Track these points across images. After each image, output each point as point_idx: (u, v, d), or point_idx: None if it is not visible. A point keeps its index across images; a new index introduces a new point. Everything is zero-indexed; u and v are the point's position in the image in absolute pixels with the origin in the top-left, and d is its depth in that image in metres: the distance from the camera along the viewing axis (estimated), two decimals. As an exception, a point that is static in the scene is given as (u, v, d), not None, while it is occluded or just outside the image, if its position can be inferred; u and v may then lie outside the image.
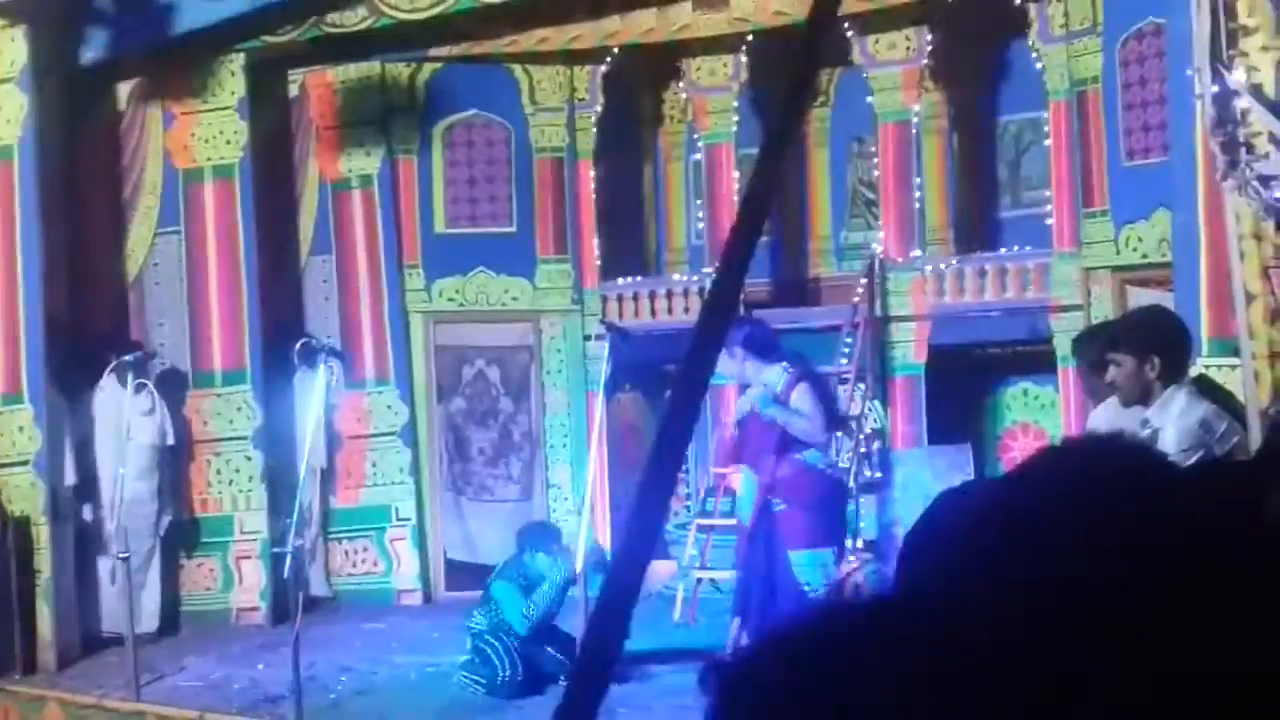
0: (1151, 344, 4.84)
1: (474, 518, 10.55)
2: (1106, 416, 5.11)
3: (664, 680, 7.24)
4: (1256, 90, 5.27)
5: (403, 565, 10.37)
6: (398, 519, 10.39)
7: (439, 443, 10.55)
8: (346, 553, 10.42)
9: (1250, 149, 5.31)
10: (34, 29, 9.03)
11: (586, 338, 10.51)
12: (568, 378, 10.59)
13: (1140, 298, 8.26)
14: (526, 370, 10.66)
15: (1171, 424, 4.67)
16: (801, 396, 6.83)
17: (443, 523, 10.51)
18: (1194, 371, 5.01)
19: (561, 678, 7.14)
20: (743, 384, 7.30)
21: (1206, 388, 4.80)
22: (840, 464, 7.04)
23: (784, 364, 6.89)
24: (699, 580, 9.20)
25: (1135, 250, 8.47)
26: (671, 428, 1.84)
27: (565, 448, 10.56)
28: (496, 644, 7.34)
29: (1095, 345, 5.12)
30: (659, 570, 9.26)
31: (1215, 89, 5.36)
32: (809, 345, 9.37)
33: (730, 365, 6.84)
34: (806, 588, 6.65)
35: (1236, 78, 5.33)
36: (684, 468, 10.13)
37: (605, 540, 9.70)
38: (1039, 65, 9.35)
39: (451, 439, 10.59)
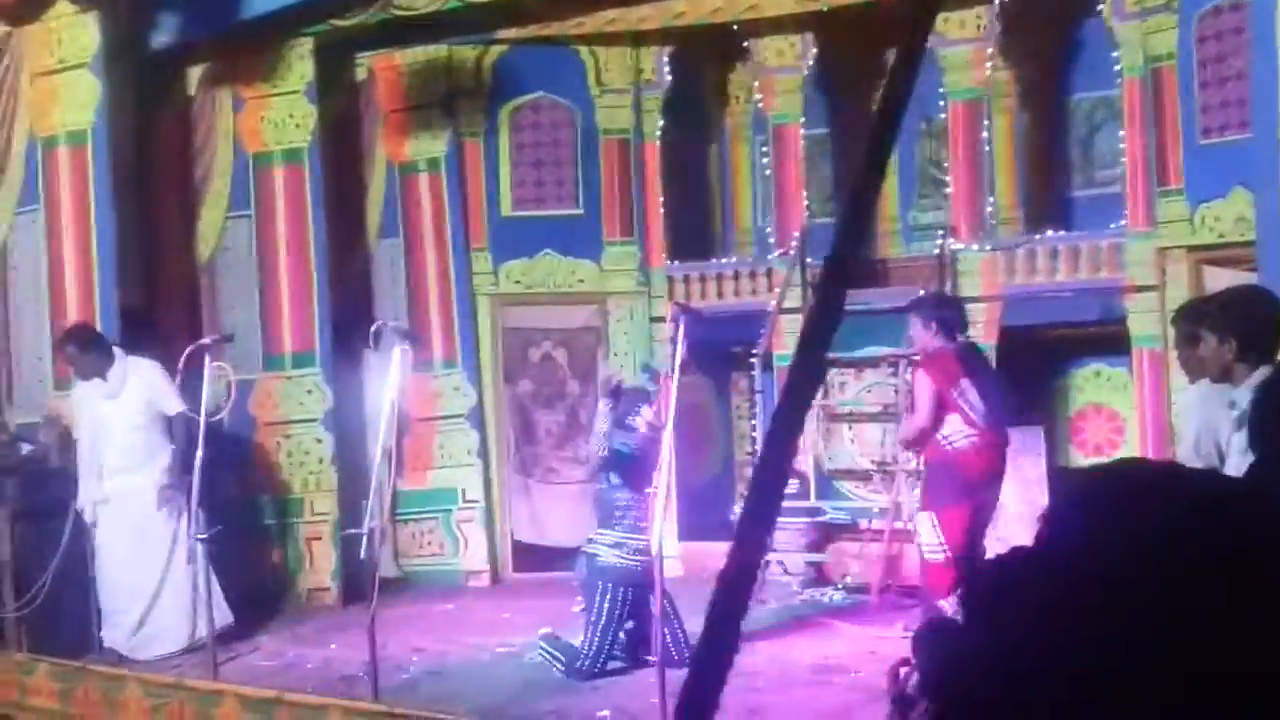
0: (1231, 324, 4.79)
1: (541, 499, 10.58)
2: (1200, 394, 5.06)
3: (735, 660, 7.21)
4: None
5: (470, 547, 10.42)
6: (465, 501, 10.43)
7: (506, 425, 10.58)
8: (414, 534, 10.48)
9: (1341, 125, 5.21)
10: (106, 14, 9.12)
11: (653, 319, 10.51)
12: (634, 359, 10.59)
13: (1217, 278, 8.15)
14: (593, 352, 10.67)
15: (1260, 404, 4.60)
16: (917, 383, 7.53)
17: (510, 504, 10.54)
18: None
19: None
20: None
21: (1298, 369, 4.72)
22: (960, 439, 7.34)
23: (934, 347, 7.50)
24: (766, 562, 9.19)
25: (1211, 230, 8.34)
26: (789, 407, 1.82)
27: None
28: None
29: (1187, 320, 5.08)
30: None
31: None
32: (877, 327, 9.33)
33: (919, 336, 7.57)
34: (921, 547, 7.42)
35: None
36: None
37: (674, 522, 9.70)
38: (1112, 42, 9.22)
39: (519, 421, 10.62)
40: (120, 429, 8.31)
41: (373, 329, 7.52)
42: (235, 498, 9.63)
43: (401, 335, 7.18)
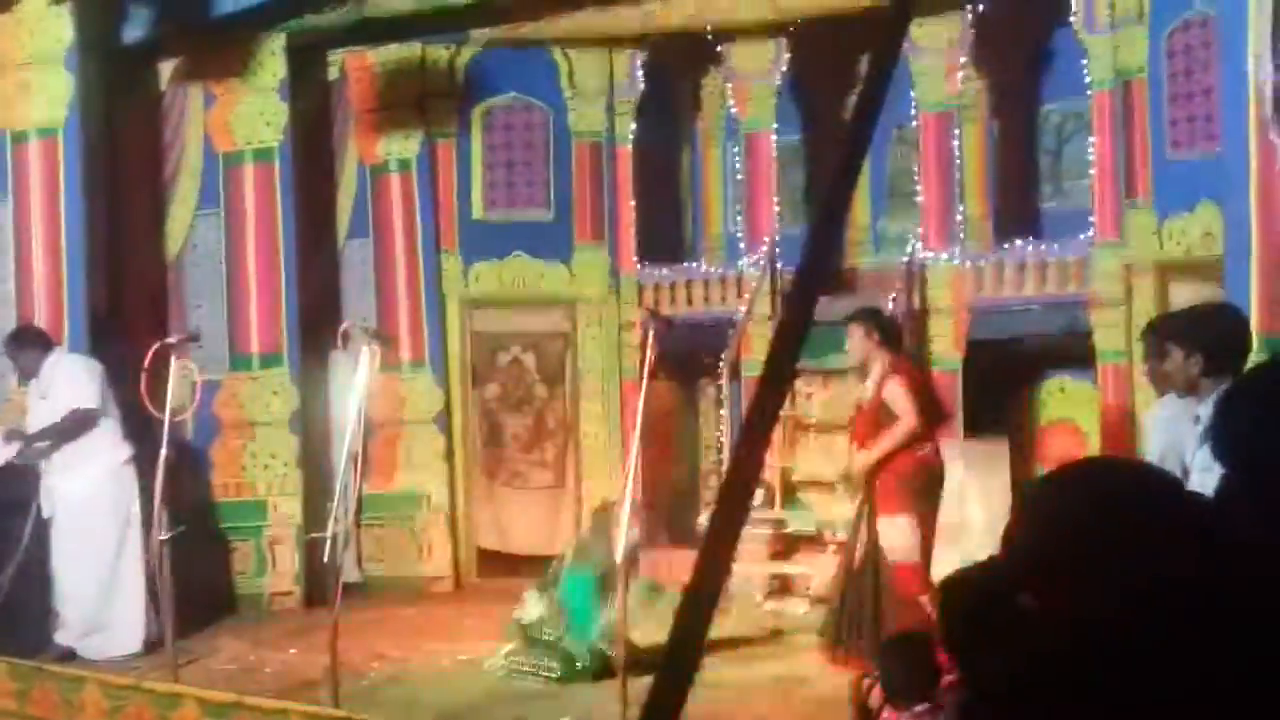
0: (1198, 340, 4.81)
1: (507, 505, 10.54)
2: (1166, 409, 5.09)
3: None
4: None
5: (434, 552, 10.36)
6: (430, 505, 10.38)
7: (473, 429, 10.53)
8: (378, 539, 10.42)
9: (1310, 142, 5.24)
10: (79, 8, 9.05)
11: (622, 325, 10.49)
12: (603, 365, 10.57)
13: (1183, 291, 8.18)
14: (562, 357, 10.65)
15: (1225, 420, 4.62)
16: (893, 392, 7.38)
17: (475, 509, 10.50)
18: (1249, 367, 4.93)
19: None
20: (862, 365, 7.87)
21: (1262, 385, 4.73)
22: (927, 445, 7.47)
23: (889, 359, 7.51)
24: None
25: (1178, 244, 8.37)
26: (757, 419, 1.81)
27: (599, 435, 10.54)
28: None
29: (1155, 334, 5.09)
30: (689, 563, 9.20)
31: (1276, 79, 5.28)
32: (844, 337, 9.33)
33: (862, 346, 7.56)
34: (886, 549, 7.29)
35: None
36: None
37: (640, 530, 9.67)
38: (1083, 55, 9.25)
39: (486, 425, 10.58)
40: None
41: (340, 329, 7.47)
42: (198, 499, 9.58)
43: (370, 336, 7.13)
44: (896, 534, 7.34)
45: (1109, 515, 1.44)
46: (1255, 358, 5.53)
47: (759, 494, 9.53)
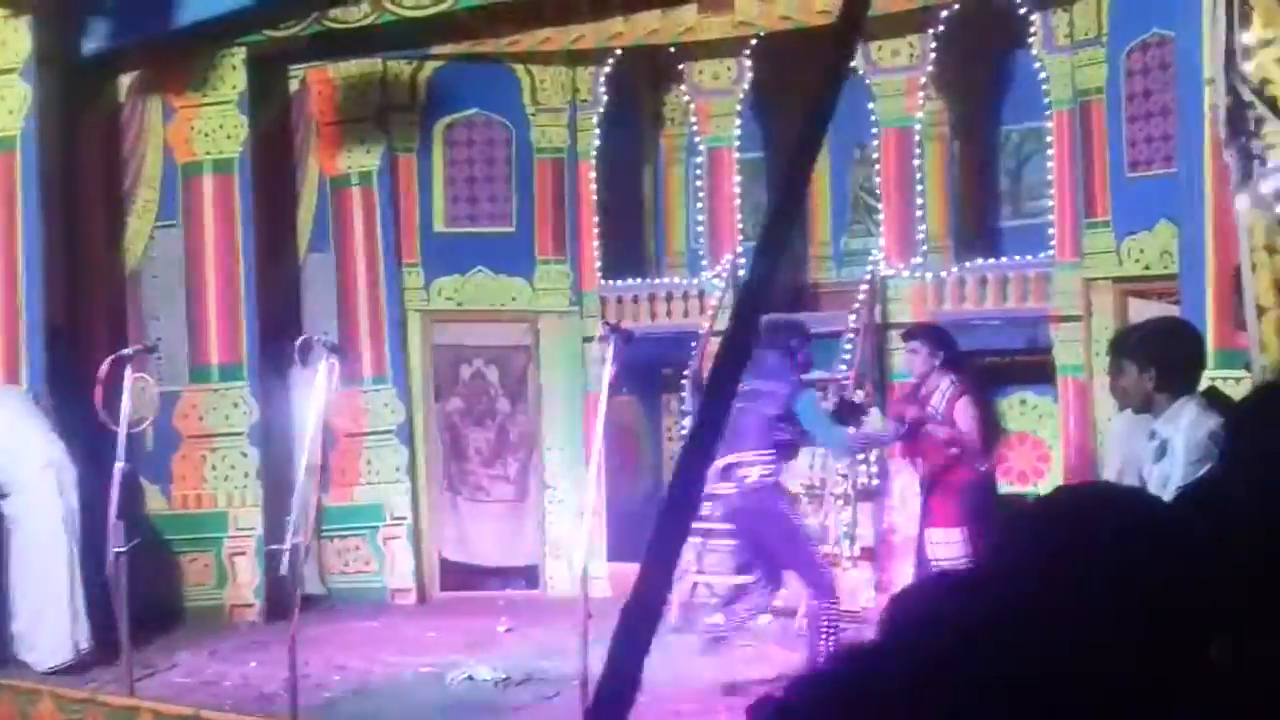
0: (1151, 355, 4.84)
1: (469, 518, 10.52)
2: (1125, 425, 5.13)
3: (653, 685, 7.17)
4: (1271, 103, 5.25)
5: (396, 564, 10.33)
6: (392, 518, 10.35)
7: (435, 442, 10.51)
8: (339, 551, 10.38)
9: (1264, 161, 5.31)
10: (37, 19, 9.01)
11: (585, 339, 10.49)
12: (565, 379, 10.57)
13: (1141, 309, 8.26)
14: (524, 371, 10.64)
15: (1180, 435, 4.67)
16: (963, 410, 7.62)
17: (438, 522, 10.47)
18: (1204, 383, 4.98)
19: None
20: (919, 382, 7.99)
21: (1217, 400, 4.79)
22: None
23: (952, 377, 7.69)
24: (694, 585, 9.17)
25: (1137, 261, 8.46)
26: (697, 439, 1.82)
27: (561, 449, 10.53)
28: None
29: (1112, 349, 5.13)
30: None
31: (1229, 100, 5.35)
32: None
33: (922, 363, 7.76)
34: (933, 562, 7.41)
35: (1251, 89, 5.31)
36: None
37: (602, 542, 9.70)
38: (1042, 75, 9.33)
39: (448, 438, 10.56)
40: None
41: (299, 342, 7.45)
42: (156, 511, 9.53)
43: (330, 349, 7.11)
44: (949, 546, 7.48)
45: (1118, 546, 1.43)
46: (1209, 374, 5.60)
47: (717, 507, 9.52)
